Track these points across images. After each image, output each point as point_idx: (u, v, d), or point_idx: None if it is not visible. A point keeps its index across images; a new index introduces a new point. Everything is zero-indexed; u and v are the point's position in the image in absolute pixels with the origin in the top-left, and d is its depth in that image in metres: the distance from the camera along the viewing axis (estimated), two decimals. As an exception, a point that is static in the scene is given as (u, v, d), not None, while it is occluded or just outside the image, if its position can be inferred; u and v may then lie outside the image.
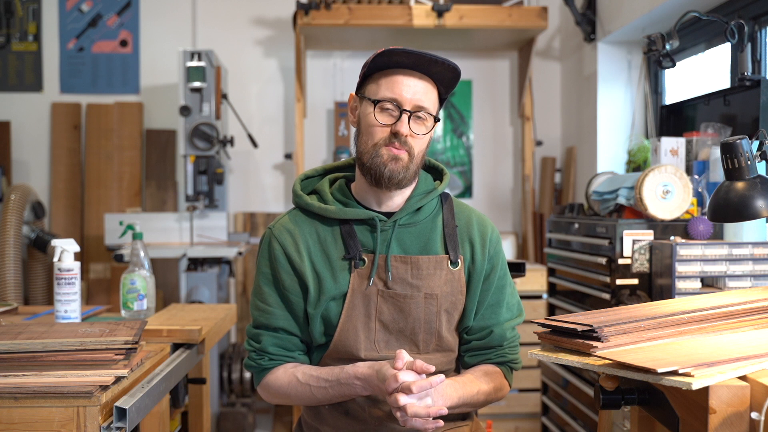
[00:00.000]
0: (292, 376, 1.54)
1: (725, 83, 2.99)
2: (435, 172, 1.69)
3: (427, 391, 1.38)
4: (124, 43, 4.34)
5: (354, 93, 1.59)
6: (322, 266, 1.54)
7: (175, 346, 1.95)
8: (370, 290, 1.52)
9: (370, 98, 1.51)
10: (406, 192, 1.58)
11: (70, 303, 1.89)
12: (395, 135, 1.49)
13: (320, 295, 1.53)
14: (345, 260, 1.53)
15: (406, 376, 1.37)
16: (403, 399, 1.35)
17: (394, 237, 1.55)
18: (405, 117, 1.49)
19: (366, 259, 1.53)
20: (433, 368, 1.41)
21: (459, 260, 1.56)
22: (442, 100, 1.58)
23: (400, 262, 1.54)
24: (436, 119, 1.53)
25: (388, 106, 1.49)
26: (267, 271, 1.58)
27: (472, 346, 1.62)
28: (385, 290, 1.53)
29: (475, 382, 1.54)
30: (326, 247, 1.55)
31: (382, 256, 1.53)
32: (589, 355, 1.24)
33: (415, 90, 1.49)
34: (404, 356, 1.40)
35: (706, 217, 2.32)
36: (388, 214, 1.57)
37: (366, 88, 1.54)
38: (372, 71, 1.53)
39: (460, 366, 1.67)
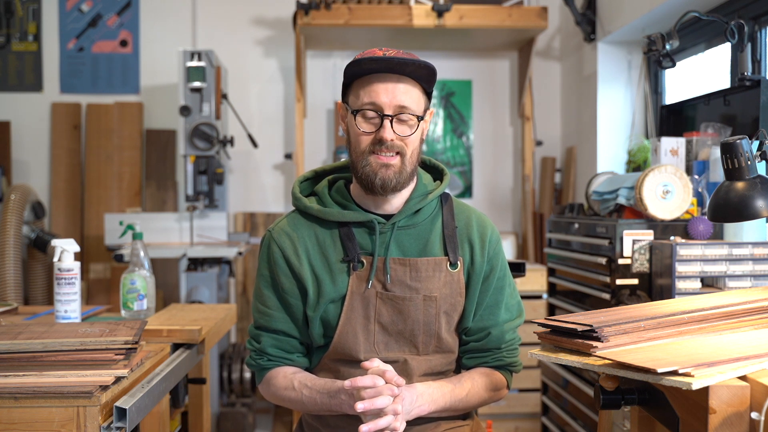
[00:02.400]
0: (289, 382, 1.55)
1: (725, 83, 2.99)
2: (435, 172, 1.68)
3: (388, 395, 1.38)
4: (124, 43, 4.34)
5: (340, 101, 1.59)
6: (321, 269, 1.54)
7: (175, 346, 1.95)
8: (368, 292, 1.52)
9: (352, 108, 1.51)
10: (405, 194, 1.57)
11: (70, 303, 1.89)
12: (380, 142, 1.48)
13: (319, 298, 1.53)
14: (343, 263, 1.53)
15: (362, 381, 1.38)
16: (359, 406, 1.36)
17: (393, 239, 1.55)
18: (387, 123, 1.47)
19: (365, 261, 1.53)
20: (403, 382, 1.41)
21: (458, 262, 1.56)
22: (428, 95, 1.55)
23: (398, 265, 1.53)
24: (420, 118, 1.51)
25: (369, 113, 1.49)
26: (266, 274, 1.59)
27: (469, 348, 1.62)
28: (384, 292, 1.53)
29: (466, 385, 1.54)
30: (325, 250, 1.55)
31: (381, 258, 1.53)
32: (589, 355, 1.24)
33: (393, 93, 1.47)
34: (375, 363, 1.42)
35: (706, 217, 2.32)
36: (387, 216, 1.57)
37: (348, 97, 1.54)
38: (351, 80, 1.52)
39: (460, 368, 1.67)
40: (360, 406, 1.35)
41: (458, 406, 1.53)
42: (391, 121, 1.48)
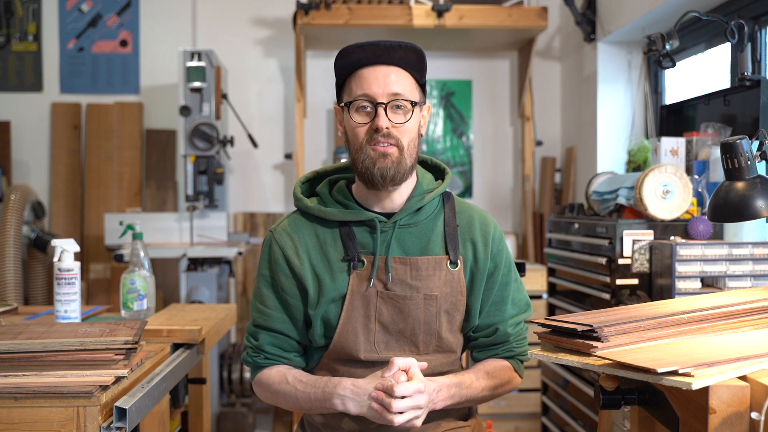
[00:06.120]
0: (283, 377, 1.55)
1: (725, 83, 2.99)
2: (437, 171, 1.69)
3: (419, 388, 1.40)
4: (124, 43, 4.34)
5: (336, 105, 1.59)
6: (322, 268, 1.54)
7: (175, 346, 1.95)
8: (369, 292, 1.52)
9: (345, 102, 1.52)
10: (405, 192, 1.57)
11: (70, 303, 1.89)
12: (376, 131, 1.48)
13: (320, 297, 1.53)
14: (344, 262, 1.53)
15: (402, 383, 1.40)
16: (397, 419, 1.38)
17: (395, 238, 1.55)
18: (381, 110, 1.47)
19: (365, 260, 1.53)
20: (425, 365, 1.45)
21: (459, 261, 1.56)
22: (422, 86, 1.56)
23: (399, 264, 1.53)
24: (414, 104, 1.51)
25: (362, 104, 1.49)
26: (266, 274, 1.59)
27: (479, 343, 1.63)
28: (385, 291, 1.52)
29: (474, 377, 1.55)
30: (326, 249, 1.55)
31: (382, 257, 1.53)
32: (589, 355, 1.24)
33: (384, 80, 1.48)
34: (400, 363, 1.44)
35: (706, 217, 2.32)
36: (389, 215, 1.57)
37: (342, 96, 1.55)
38: (343, 78, 1.53)
39: (470, 362, 1.68)
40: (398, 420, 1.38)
41: (471, 399, 1.54)
42: (385, 109, 1.48)
